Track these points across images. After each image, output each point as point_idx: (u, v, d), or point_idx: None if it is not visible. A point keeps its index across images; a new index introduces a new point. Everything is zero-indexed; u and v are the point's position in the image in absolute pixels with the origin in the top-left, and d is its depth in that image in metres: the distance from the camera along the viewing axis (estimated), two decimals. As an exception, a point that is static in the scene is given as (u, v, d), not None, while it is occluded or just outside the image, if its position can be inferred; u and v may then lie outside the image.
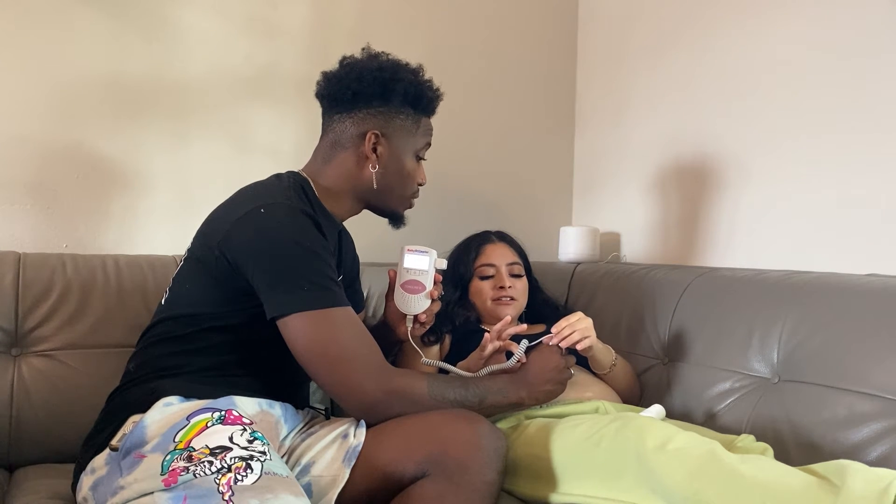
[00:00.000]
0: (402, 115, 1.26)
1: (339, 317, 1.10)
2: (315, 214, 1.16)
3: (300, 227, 1.12)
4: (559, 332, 1.36)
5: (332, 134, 1.27)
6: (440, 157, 2.08)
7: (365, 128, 1.24)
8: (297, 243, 1.10)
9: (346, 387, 1.09)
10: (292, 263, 1.09)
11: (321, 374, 1.10)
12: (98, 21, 1.64)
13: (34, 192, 1.60)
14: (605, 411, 1.34)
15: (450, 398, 1.12)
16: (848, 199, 1.50)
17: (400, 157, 1.27)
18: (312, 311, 1.07)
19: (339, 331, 1.09)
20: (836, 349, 1.27)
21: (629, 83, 2.08)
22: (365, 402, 1.10)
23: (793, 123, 1.61)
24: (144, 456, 0.94)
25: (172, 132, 1.72)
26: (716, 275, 1.60)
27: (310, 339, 1.08)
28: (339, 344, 1.09)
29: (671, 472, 1.01)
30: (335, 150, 1.27)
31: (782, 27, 1.64)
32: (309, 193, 1.24)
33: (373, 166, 1.25)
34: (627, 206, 2.09)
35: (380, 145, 1.25)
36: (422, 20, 2.02)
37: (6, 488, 1.24)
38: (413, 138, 1.29)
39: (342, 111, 1.26)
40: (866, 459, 1.13)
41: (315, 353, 1.09)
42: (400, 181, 1.29)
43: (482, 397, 1.16)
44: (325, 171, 1.27)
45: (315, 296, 1.08)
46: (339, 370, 1.09)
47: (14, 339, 1.39)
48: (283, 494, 0.88)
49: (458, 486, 1.02)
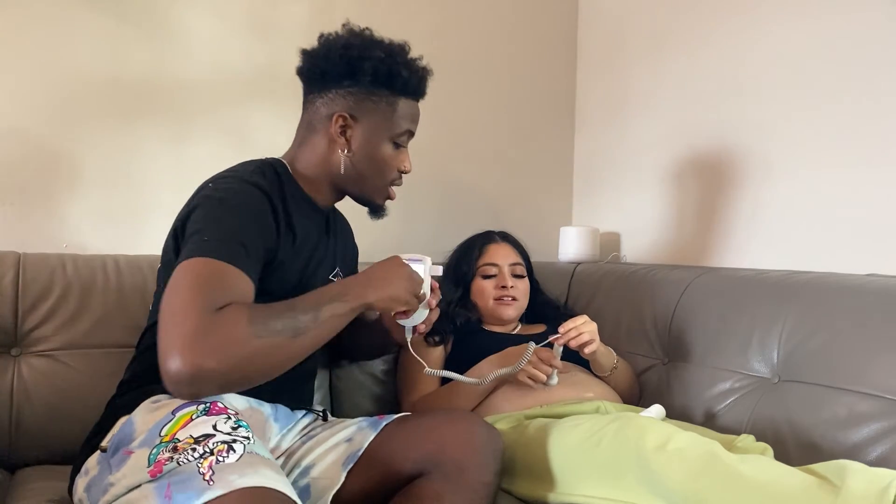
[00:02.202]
0: (376, 97, 1.17)
1: (212, 269, 0.95)
2: (273, 191, 1.10)
3: (238, 191, 1.06)
4: (566, 333, 1.36)
5: (306, 115, 1.22)
6: (440, 157, 2.09)
7: (333, 109, 1.17)
8: (222, 199, 1.04)
9: (160, 353, 0.91)
10: (210, 216, 1.02)
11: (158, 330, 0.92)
12: (98, 21, 1.64)
13: (34, 192, 1.60)
14: (605, 411, 1.34)
15: (277, 328, 0.94)
16: (850, 199, 1.50)
17: (372, 142, 1.18)
18: (194, 258, 0.96)
19: (196, 279, 0.94)
20: (836, 349, 1.27)
21: (629, 83, 2.08)
22: (170, 380, 0.90)
23: (793, 123, 1.61)
24: (132, 452, 0.94)
25: (172, 132, 1.72)
26: (716, 275, 1.60)
27: (169, 284, 0.95)
28: (180, 296, 0.92)
29: (671, 472, 1.01)
30: (309, 133, 1.21)
31: (782, 27, 1.64)
32: (283, 176, 1.18)
33: (342, 150, 1.17)
34: (627, 206, 2.09)
35: (349, 128, 1.17)
36: (421, 20, 2.02)
37: (7, 489, 1.24)
38: (388, 122, 1.19)
39: (315, 91, 1.20)
40: (866, 459, 1.13)
41: (162, 305, 0.94)
42: (373, 168, 1.20)
43: (316, 312, 0.99)
44: (299, 155, 1.22)
45: (209, 245, 0.97)
46: (161, 328, 0.91)
47: (14, 339, 1.39)
48: (262, 469, 0.87)
49: (456, 485, 1.02)
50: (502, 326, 1.65)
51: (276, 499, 0.84)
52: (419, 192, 2.01)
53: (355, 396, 1.65)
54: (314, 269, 1.22)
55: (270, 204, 1.08)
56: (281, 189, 1.13)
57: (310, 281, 1.18)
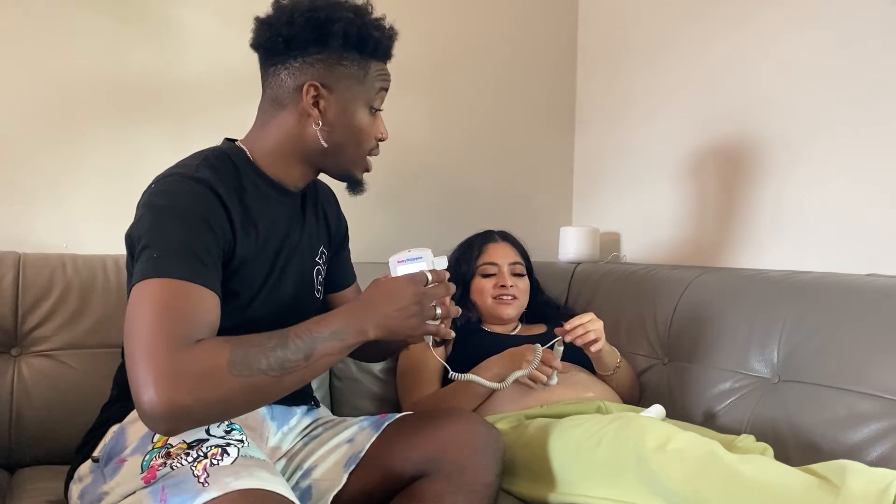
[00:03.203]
0: (347, 62, 1.06)
1: (171, 291, 0.88)
2: (225, 184, 1.01)
3: (181, 193, 0.97)
4: (573, 331, 1.36)
5: (269, 90, 1.10)
6: (441, 157, 2.09)
7: (302, 79, 1.05)
8: (168, 206, 0.95)
9: (132, 388, 0.84)
10: (156, 225, 0.94)
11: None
12: (98, 21, 1.64)
13: (34, 192, 1.60)
14: (605, 411, 1.34)
15: (261, 367, 0.86)
16: (850, 199, 1.50)
17: (349, 110, 1.08)
18: (149, 279, 0.89)
19: (156, 307, 0.87)
20: (836, 349, 1.27)
21: (629, 83, 2.08)
22: (144, 416, 0.83)
23: (793, 123, 1.61)
24: (125, 460, 0.94)
25: (172, 132, 1.72)
26: (716, 275, 1.60)
27: (127, 315, 0.88)
28: (145, 328, 0.85)
29: (671, 472, 1.01)
30: (274, 109, 1.09)
31: (783, 28, 1.64)
32: (240, 164, 1.08)
33: (315, 123, 1.06)
34: (627, 206, 2.09)
35: (322, 98, 1.06)
36: (421, 21, 2.02)
37: (6, 489, 1.24)
38: (362, 86, 1.08)
39: (277, 62, 1.08)
40: (866, 459, 1.13)
41: (125, 334, 0.87)
42: (352, 138, 1.09)
43: (309, 351, 0.90)
44: (264, 136, 1.10)
45: (162, 263, 0.90)
46: (130, 360, 0.85)
47: (14, 339, 1.39)
48: (258, 471, 0.87)
49: (457, 486, 1.02)
50: (502, 326, 1.65)
51: (272, 500, 0.84)
52: (419, 191, 2.02)
53: (355, 396, 1.66)
54: (285, 262, 1.12)
55: (220, 200, 0.99)
56: (237, 180, 1.05)
57: (281, 278, 1.11)
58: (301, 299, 1.16)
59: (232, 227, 1.00)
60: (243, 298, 1.06)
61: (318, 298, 1.22)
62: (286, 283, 1.13)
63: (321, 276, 1.23)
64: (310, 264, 1.19)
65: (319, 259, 1.22)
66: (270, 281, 1.09)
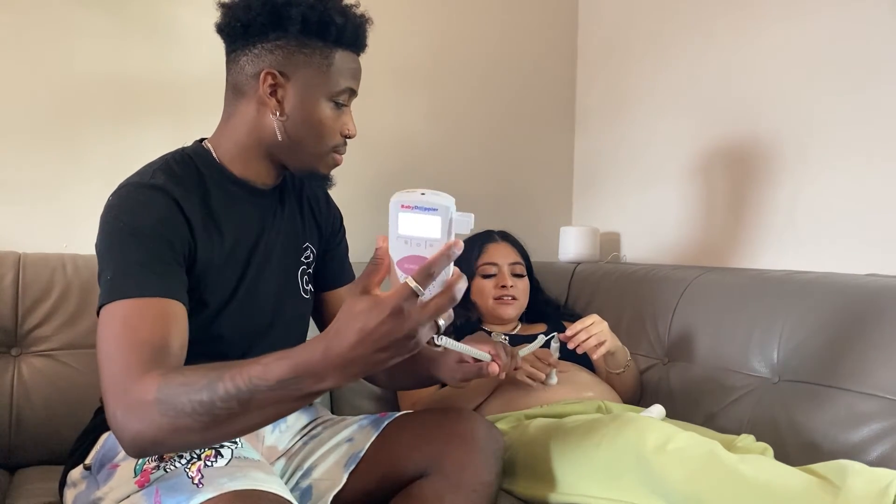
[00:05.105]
0: (308, 49, 1.00)
1: (125, 313, 0.86)
2: (185, 189, 0.97)
3: (133, 203, 0.94)
4: (575, 337, 1.36)
5: (230, 77, 1.04)
6: (440, 157, 2.09)
7: (260, 66, 1.00)
8: (118, 224, 0.92)
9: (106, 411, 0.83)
10: (107, 246, 0.92)
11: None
12: (98, 21, 1.64)
13: (34, 192, 1.60)
14: (606, 411, 1.34)
15: (185, 410, 0.75)
16: (852, 199, 1.50)
17: (308, 102, 1.01)
18: (107, 304, 0.88)
19: (108, 338, 0.85)
20: (836, 349, 1.27)
21: (629, 83, 2.08)
22: (115, 436, 0.82)
23: (793, 123, 1.61)
24: (118, 465, 0.94)
25: (172, 132, 1.71)
26: (716, 275, 1.60)
27: (97, 334, 0.87)
28: (108, 356, 0.84)
29: (671, 472, 1.01)
30: (236, 98, 1.04)
31: (783, 27, 1.64)
32: (203, 166, 1.03)
33: (273, 113, 1.00)
34: (627, 206, 2.09)
35: (280, 87, 1.00)
36: (422, 20, 2.02)
37: (7, 489, 1.24)
38: (324, 78, 1.01)
39: (237, 48, 1.02)
40: (866, 459, 1.13)
41: (97, 354, 0.86)
42: (310, 131, 1.02)
43: (245, 398, 0.73)
44: (228, 130, 1.05)
45: (115, 285, 0.88)
46: (103, 387, 0.84)
47: (14, 339, 1.39)
48: (252, 472, 0.86)
49: (457, 486, 1.02)
50: (502, 326, 1.65)
51: (268, 500, 0.84)
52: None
53: (355, 396, 1.66)
54: (261, 265, 1.07)
55: (177, 205, 0.95)
56: (200, 183, 1.01)
57: (257, 283, 1.06)
58: (283, 303, 1.11)
59: (192, 232, 0.97)
60: (212, 307, 1.01)
61: (306, 300, 1.16)
62: (265, 287, 1.07)
63: (308, 276, 1.17)
64: (294, 265, 1.14)
65: (306, 259, 1.16)
66: (244, 286, 1.04)
